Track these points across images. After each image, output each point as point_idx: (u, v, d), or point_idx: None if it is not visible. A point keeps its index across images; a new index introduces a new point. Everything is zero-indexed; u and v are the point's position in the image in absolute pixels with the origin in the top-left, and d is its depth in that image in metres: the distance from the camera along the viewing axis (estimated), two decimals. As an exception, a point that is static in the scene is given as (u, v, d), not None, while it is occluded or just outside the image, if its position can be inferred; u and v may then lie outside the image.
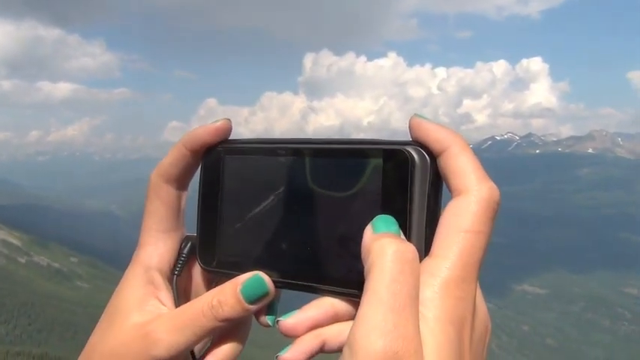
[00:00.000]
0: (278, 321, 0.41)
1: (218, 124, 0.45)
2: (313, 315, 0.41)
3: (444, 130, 0.38)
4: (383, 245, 0.35)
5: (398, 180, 0.37)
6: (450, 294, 0.35)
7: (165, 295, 0.46)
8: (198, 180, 0.47)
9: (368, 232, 0.37)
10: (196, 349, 0.46)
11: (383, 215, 0.37)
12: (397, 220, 0.37)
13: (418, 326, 0.34)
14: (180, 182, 0.46)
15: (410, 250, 0.36)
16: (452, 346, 0.35)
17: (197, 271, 0.49)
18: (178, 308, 0.44)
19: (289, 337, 0.41)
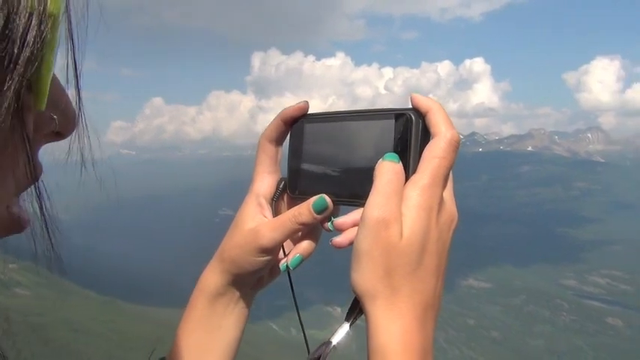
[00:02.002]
0: (333, 221, 0.68)
1: (300, 104, 0.71)
2: (353, 217, 0.67)
3: (429, 99, 0.62)
4: (383, 164, 0.61)
5: (403, 131, 0.62)
6: (422, 192, 0.59)
7: (268, 213, 0.73)
8: (289, 141, 0.73)
9: (379, 162, 0.62)
10: (286, 247, 0.74)
11: (389, 153, 0.62)
12: (402, 156, 0.61)
13: (401, 207, 0.59)
14: (278, 142, 0.73)
15: (398, 167, 0.60)
16: (422, 221, 0.58)
17: (287, 198, 0.75)
18: (275, 217, 0.72)
19: (339, 231, 0.68)
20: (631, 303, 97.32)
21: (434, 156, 0.60)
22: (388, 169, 0.60)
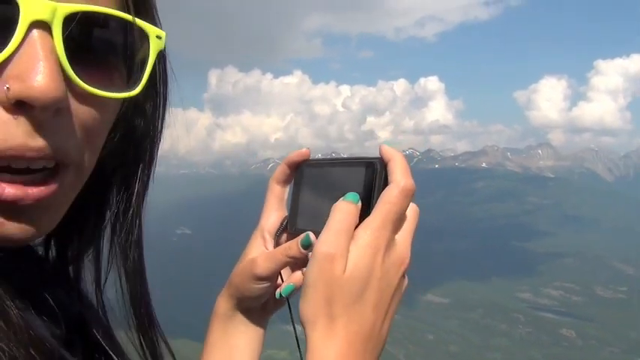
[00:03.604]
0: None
1: (302, 150, 0.80)
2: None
3: (392, 150, 0.69)
4: (337, 204, 0.68)
5: (368, 178, 0.70)
6: (371, 233, 0.65)
7: (270, 246, 0.81)
8: (293, 183, 0.83)
9: (338, 201, 0.69)
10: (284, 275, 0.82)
11: (350, 193, 0.69)
12: (365, 201, 0.69)
13: (349, 245, 0.65)
14: (284, 183, 0.82)
15: (352, 207, 0.67)
16: (367, 258, 0.64)
17: (288, 234, 0.82)
18: (271, 250, 0.80)
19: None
20: (583, 314, 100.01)
21: (386, 201, 0.66)
22: (341, 208, 0.67)
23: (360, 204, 0.68)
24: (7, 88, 0.43)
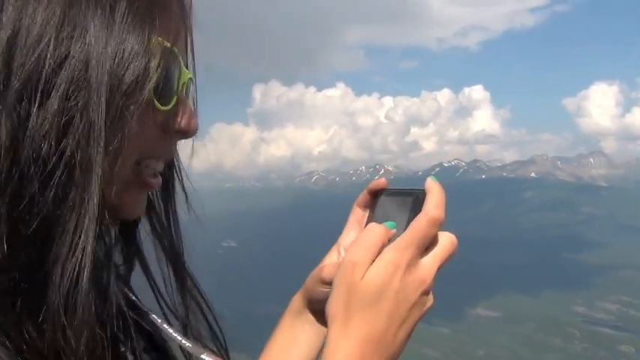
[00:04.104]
0: None
1: (380, 180, 0.88)
2: None
3: (434, 183, 0.77)
4: (371, 225, 0.77)
5: (413, 206, 0.78)
6: (395, 252, 0.72)
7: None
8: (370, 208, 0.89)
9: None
10: None
11: (389, 222, 0.78)
12: (405, 224, 0.76)
13: (372, 257, 0.72)
14: (364, 207, 0.89)
15: (382, 228, 0.75)
16: (386, 271, 0.71)
17: None
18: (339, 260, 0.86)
19: None
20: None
21: (413, 227, 0.74)
22: (372, 228, 0.76)
23: (393, 230, 0.77)
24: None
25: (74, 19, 0.56)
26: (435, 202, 0.75)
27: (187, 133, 0.70)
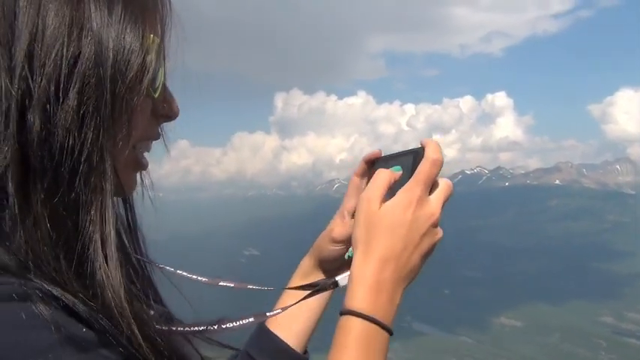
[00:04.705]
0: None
1: (375, 151, 0.99)
2: None
3: (429, 140, 0.90)
4: (379, 170, 0.89)
5: (414, 161, 0.89)
6: (406, 190, 0.85)
7: (347, 220, 0.99)
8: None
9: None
10: None
11: (396, 166, 0.91)
12: (411, 175, 0.87)
13: (383, 193, 0.86)
14: (362, 176, 0.99)
15: (388, 172, 0.88)
16: (399, 204, 0.84)
17: None
18: (348, 220, 0.99)
19: None
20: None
21: (419, 170, 0.86)
22: (380, 171, 0.89)
23: (399, 172, 0.90)
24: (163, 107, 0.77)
25: (80, 21, 0.64)
26: (432, 149, 0.87)
27: (171, 117, 0.78)
